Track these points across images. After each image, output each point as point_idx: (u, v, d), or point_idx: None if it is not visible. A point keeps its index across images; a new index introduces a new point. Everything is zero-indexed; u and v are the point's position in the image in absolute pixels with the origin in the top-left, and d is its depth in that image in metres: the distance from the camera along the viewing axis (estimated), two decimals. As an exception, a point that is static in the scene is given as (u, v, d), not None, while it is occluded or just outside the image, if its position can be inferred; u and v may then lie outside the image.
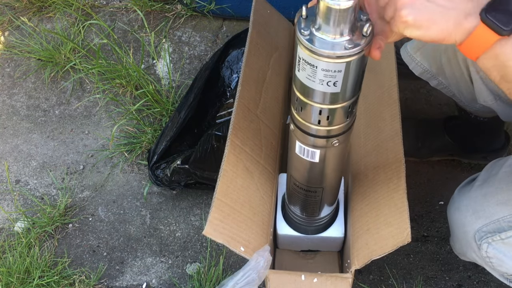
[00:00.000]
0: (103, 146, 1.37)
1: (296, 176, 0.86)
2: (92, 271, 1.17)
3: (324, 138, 0.73)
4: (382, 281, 1.12)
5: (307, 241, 1.02)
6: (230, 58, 1.27)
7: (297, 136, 0.76)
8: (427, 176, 1.28)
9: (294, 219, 0.98)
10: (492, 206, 0.79)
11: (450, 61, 0.96)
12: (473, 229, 0.81)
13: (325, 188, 0.86)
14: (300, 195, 0.89)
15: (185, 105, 1.24)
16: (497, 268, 0.81)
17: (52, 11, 1.60)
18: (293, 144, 0.79)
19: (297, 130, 0.75)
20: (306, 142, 0.75)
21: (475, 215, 0.80)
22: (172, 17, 1.57)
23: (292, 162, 0.84)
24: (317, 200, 0.89)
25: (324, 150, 0.76)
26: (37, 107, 1.46)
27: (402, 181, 0.85)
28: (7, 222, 1.25)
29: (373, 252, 0.81)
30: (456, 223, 0.85)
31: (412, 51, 1.03)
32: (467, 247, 0.84)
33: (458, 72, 0.97)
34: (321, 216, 0.95)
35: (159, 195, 1.28)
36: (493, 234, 0.78)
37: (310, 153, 0.77)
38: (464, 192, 0.86)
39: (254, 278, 0.79)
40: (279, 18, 1.23)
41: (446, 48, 0.95)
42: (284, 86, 1.14)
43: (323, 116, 0.69)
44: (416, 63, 1.03)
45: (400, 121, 0.95)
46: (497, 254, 0.79)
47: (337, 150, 0.77)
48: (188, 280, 1.14)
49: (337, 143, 0.74)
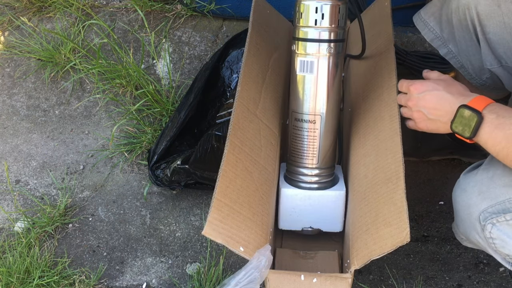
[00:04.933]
0: (103, 146, 1.38)
1: (297, 106, 0.98)
2: (92, 271, 1.17)
3: (320, 42, 0.91)
4: (382, 281, 1.12)
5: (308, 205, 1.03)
6: (230, 58, 1.27)
7: (298, 50, 0.94)
8: (427, 176, 1.28)
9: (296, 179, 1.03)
10: (498, 187, 0.80)
11: (461, 23, 1.01)
12: (478, 210, 0.82)
13: (323, 117, 0.98)
14: (301, 132, 0.99)
15: (185, 105, 1.24)
16: (499, 250, 0.82)
17: (52, 11, 1.60)
18: (294, 66, 0.96)
19: (298, 43, 0.93)
20: (305, 52, 0.93)
21: (481, 196, 0.82)
22: (172, 17, 1.57)
23: (293, 90, 0.98)
24: (316, 136, 0.99)
25: (321, 60, 0.93)
26: (37, 107, 1.46)
27: (402, 181, 0.85)
28: (7, 222, 1.26)
29: (372, 252, 0.81)
30: (461, 204, 0.86)
31: (426, 16, 1.08)
32: (471, 228, 0.85)
33: (468, 34, 1.01)
34: (322, 168, 1.02)
35: (159, 195, 1.28)
36: (497, 215, 0.79)
37: (308, 65, 0.94)
38: (470, 175, 0.87)
39: (256, 277, 0.79)
40: (279, 18, 1.23)
41: (457, 7, 0.99)
42: (284, 86, 1.14)
43: (318, 15, 0.89)
44: (429, 29, 1.08)
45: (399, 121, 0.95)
46: (500, 235, 0.80)
47: (331, 62, 0.94)
48: (188, 280, 1.14)
49: (331, 49, 0.92)
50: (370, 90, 1.07)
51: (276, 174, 1.01)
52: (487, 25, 0.95)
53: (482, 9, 0.94)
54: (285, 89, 1.14)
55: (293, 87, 0.99)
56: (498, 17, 0.92)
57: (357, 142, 1.03)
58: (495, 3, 0.92)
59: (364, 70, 1.14)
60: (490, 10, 0.93)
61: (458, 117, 0.78)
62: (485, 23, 0.95)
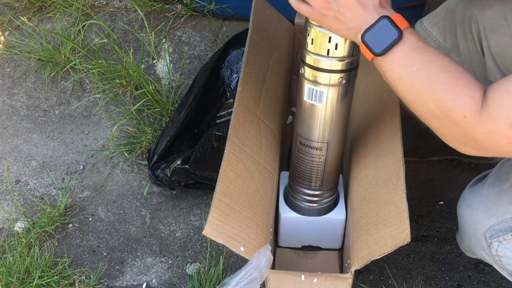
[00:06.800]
0: (103, 146, 1.38)
1: (303, 131, 0.92)
2: (92, 271, 1.17)
3: (331, 72, 0.81)
4: (382, 281, 1.12)
5: (308, 228, 1.03)
6: (230, 58, 1.27)
7: (306, 76, 0.84)
8: (427, 176, 1.28)
9: (297, 201, 1.01)
10: (505, 204, 0.79)
11: (465, 35, 0.98)
12: (484, 227, 0.81)
13: (330, 144, 0.91)
14: (306, 157, 0.94)
15: (185, 105, 1.24)
16: (506, 267, 0.81)
17: (52, 11, 1.60)
18: (301, 91, 0.87)
19: (307, 69, 0.83)
20: (315, 80, 0.83)
21: (487, 213, 0.80)
22: (172, 17, 1.57)
23: (300, 114, 0.91)
24: (321, 162, 0.94)
25: (331, 90, 0.84)
26: (37, 107, 1.46)
27: (402, 181, 0.85)
28: (7, 222, 1.25)
29: (372, 252, 0.81)
30: (466, 220, 0.85)
31: (429, 26, 1.05)
32: (477, 244, 0.84)
33: (473, 46, 0.99)
34: (324, 190, 0.99)
35: (159, 195, 1.28)
36: (504, 233, 0.78)
37: (318, 94, 0.84)
38: (476, 190, 0.86)
39: (256, 277, 0.79)
40: (279, 18, 1.23)
41: (462, 20, 0.97)
42: (284, 86, 1.14)
43: (332, 44, 0.78)
44: (432, 38, 1.04)
45: (399, 121, 0.95)
46: (507, 253, 0.79)
47: (342, 92, 0.85)
48: (188, 280, 1.14)
49: (343, 80, 0.82)
50: (370, 90, 1.07)
51: (276, 174, 1.01)
52: (493, 38, 0.93)
53: (488, 22, 0.92)
54: (285, 89, 1.14)
55: (299, 112, 0.91)
56: (504, 30, 0.91)
57: (357, 142, 1.03)
58: (501, 17, 0.90)
59: (364, 69, 1.14)
60: (496, 23, 0.91)
61: (377, 28, 0.69)
62: (490, 36, 0.93)
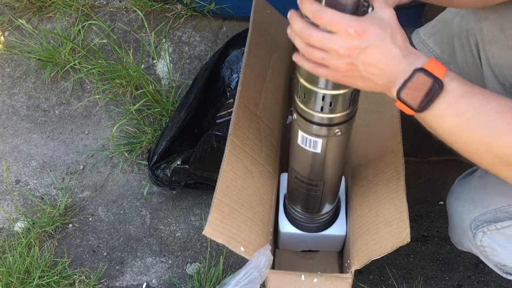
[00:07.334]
0: (103, 146, 1.38)
1: (298, 169, 0.86)
2: (92, 271, 1.17)
3: (327, 126, 0.74)
4: (382, 281, 1.12)
5: (308, 240, 1.02)
6: (230, 58, 1.27)
7: (300, 125, 0.77)
8: (427, 176, 1.28)
9: (296, 217, 0.98)
10: (491, 196, 0.80)
11: (463, 47, 0.97)
12: (469, 217, 0.82)
13: (326, 181, 0.86)
14: (302, 190, 0.89)
15: (185, 105, 1.24)
16: (490, 258, 0.82)
17: (52, 11, 1.60)
18: (295, 134, 0.80)
19: (300, 119, 0.76)
20: (309, 131, 0.76)
21: (473, 204, 0.82)
22: (172, 17, 1.57)
23: (294, 154, 0.85)
24: (318, 195, 0.89)
25: (326, 140, 0.77)
26: (37, 107, 1.46)
27: (402, 181, 0.85)
28: (7, 222, 1.25)
29: (372, 252, 0.81)
30: (454, 211, 0.87)
31: (425, 37, 1.03)
32: (463, 235, 0.85)
33: (471, 58, 0.97)
34: (322, 213, 0.96)
35: (159, 195, 1.28)
36: (488, 224, 0.79)
37: (312, 142, 0.78)
38: (465, 182, 0.87)
39: (256, 277, 0.79)
40: (279, 18, 1.23)
41: (460, 33, 0.96)
42: (284, 86, 1.14)
43: (326, 102, 0.70)
44: (428, 49, 1.03)
45: (399, 121, 0.95)
46: (491, 243, 0.80)
47: (339, 140, 0.78)
48: (188, 280, 1.14)
49: (339, 132, 0.76)
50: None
51: (276, 174, 1.01)
52: (491, 50, 0.92)
53: (485, 34, 0.91)
54: (286, 89, 1.14)
55: (293, 151, 0.85)
56: (501, 41, 0.90)
57: (358, 142, 1.03)
58: (498, 28, 0.90)
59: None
60: (493, 35, 0.91)
61: (412, 83, 0.60)
62: (488, 48, 0.93)
